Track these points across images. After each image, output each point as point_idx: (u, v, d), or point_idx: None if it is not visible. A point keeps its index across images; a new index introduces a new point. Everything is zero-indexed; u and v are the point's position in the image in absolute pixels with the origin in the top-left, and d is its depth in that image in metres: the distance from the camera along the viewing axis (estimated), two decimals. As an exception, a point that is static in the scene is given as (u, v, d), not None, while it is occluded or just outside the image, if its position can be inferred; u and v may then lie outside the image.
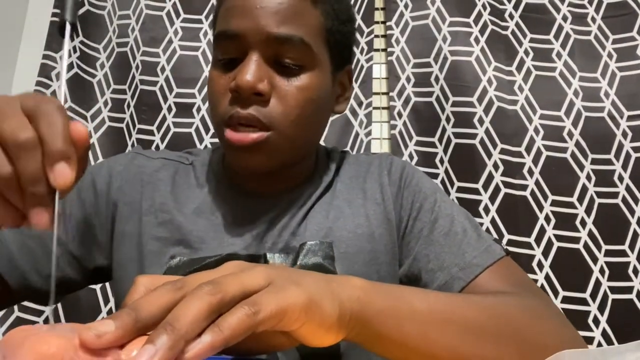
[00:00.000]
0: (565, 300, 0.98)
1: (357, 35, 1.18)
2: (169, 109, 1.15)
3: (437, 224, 0.56)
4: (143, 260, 0.56)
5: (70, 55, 1.16)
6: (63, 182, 0.31)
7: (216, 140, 1.03)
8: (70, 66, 1.16)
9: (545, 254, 1.00)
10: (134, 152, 0.65)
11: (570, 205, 1.03)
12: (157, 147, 1.13)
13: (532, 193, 1.04)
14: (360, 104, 1.14)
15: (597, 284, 0.98)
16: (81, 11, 1.21)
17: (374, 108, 1.15)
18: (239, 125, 0.51)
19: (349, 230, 0.57)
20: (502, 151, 1.06)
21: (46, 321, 1.01)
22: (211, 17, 0.81)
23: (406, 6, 1.18)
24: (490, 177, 1.05)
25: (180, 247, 0.56)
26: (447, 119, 1.09)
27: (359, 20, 1.19)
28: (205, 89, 0.93)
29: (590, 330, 0.96)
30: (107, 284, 1.04)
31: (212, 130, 1.13)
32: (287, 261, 0.54)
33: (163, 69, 1.17)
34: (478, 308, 0.41)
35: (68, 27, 0.39)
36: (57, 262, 0.54)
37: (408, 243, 0.57)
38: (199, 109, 1.15)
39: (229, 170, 0.61)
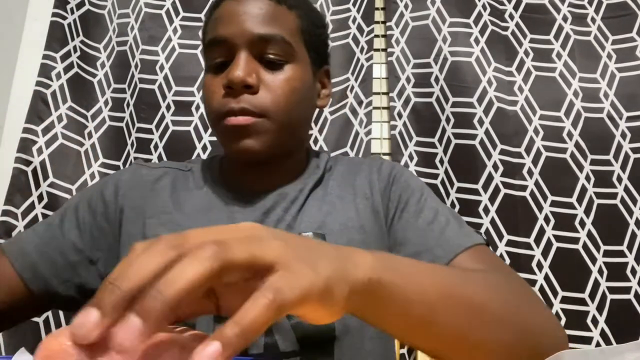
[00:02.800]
0: (564, 300, 0.98)
1: (357, 35, 1.19)
2: (168, 108, 1.15)
3: (422, 214, 0.61)
4: None
5: (70, 55, 1.17)
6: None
7: (214, 138, 1.03)
8: (71, 66, 1.16)
9: (545, 254, 1.01)
10: (136, 164, 0.70)
11: (570, 205, 1.03)
12: (156, 146, 1.13)
13: (532, 193, 1.04)
14: (360, 103, 1.14)
15: (596, 284, 0.98)
16: (81, 11, 1.21)
17: (374, 108, 1.15)
18: (234, 116, 0.57)
19: (340, 223, 0.61)
20: (502, 152, 1.06)
21: (46, 321, 1.01)
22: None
23: (406, 6, 1.18)
24: (490, 177, 1.05)
25: None
26: (447, 120, 1.09)
27: (358, 20, 1.20)
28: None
29: (589, 330, 0.96)
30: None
31: (210, 129, 1.13)
32: None
33: (162, 68, 1.17)
34: (482, 287, 0.42)
35: None
36: (77, 271, 0.60)
37: (395, 231, 0.62)
38: (197, 107, 1.15)
39: (225, 172, 0.67)
